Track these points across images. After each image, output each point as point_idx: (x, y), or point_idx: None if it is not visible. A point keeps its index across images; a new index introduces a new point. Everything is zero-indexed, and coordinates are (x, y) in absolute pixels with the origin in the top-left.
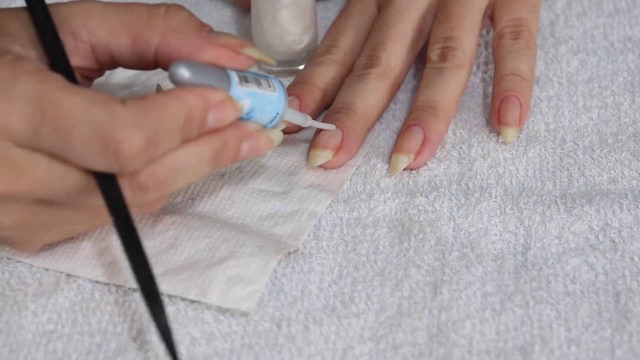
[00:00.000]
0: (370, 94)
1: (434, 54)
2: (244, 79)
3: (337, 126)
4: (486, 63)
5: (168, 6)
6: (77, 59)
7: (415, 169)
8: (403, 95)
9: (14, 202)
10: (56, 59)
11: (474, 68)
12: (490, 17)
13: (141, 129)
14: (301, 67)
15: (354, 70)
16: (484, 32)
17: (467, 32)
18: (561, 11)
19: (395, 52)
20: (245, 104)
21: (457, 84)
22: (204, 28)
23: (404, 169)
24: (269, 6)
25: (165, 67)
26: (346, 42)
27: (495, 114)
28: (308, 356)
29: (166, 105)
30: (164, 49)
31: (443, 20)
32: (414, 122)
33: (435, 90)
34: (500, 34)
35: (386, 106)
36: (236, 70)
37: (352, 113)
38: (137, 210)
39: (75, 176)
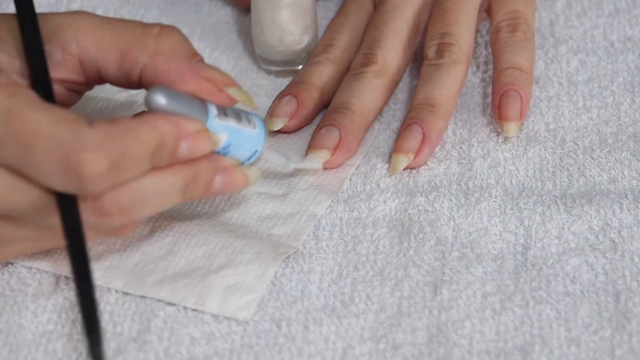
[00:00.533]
0: (367, 92)
1: (430, 50)
2: (223, 113)
3: (334, 126)
4: (486, 63)
5: (162, 27)
6: (64, 71)
7: (415, 169)
8: (403, 95)
9: None
10: (37, 71)
11: (474, 68)
12: (487, 10)
13: (105, 152)
14: (301, 67)
15: (350, 70)
16: (483, 32)
17: (463, 27)
18: (561, 11)
19: (391, 50)
20: (222, 138)
21: (454, 80)
22: (194, 57)
23: (404, 169)
24: (269, 6)
25: (148, 89)
26: (343, 41)
27: (496, 109)
28: (308, 356)
29: (136, 130)
30: (150, 70)
31: (439, 17)
32: (413, 121)
33: (432, 87)
34: (497, 27)
35: (384, 104)
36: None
37: (349, 112)
38: (103, 236)
39: (35, 194)
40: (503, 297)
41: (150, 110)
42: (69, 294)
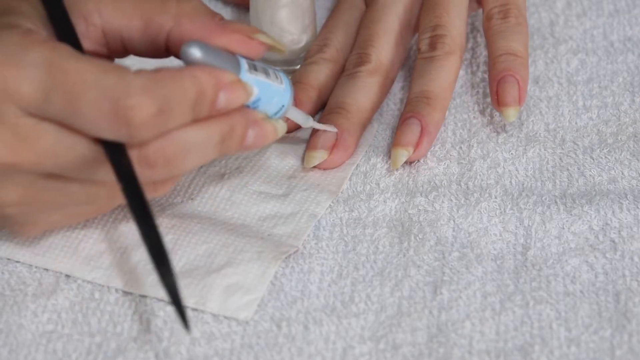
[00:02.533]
0: (361, 91)
1: (423, 44)
2: (253, 67)
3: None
4: (486, 63)
5: None
6: (88, 43)
7: (415, 168)
8: (403, 94)
9: (21, 174)
10: (66, 38)
11: (474, 67)
12: (478, 0)
13: (153, 97)
14: (299, 66)
15: (345, 70)
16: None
17: (454, 18)
18: (561, 11)
19: (384, 48)
20: (254, 91)
21: (448, 71)
22: (216, 15)
23: (405, 164)
24: (267, 6)
25: (177, 53)
26: (337, 40)
27: (494, 96)
28: (308, 356)
29: (179, 78)
30: (177, 33)
31: (429, 9)
32: (410, 115)
33: (427, 80)
34: (489, 15)
35: (380, 102)
36: (246, 58)
37: (344, 112)
38: (145, 190)
39: (84, 147)
40: (503, 297)
41: (187, 64)
42: (69, 293)
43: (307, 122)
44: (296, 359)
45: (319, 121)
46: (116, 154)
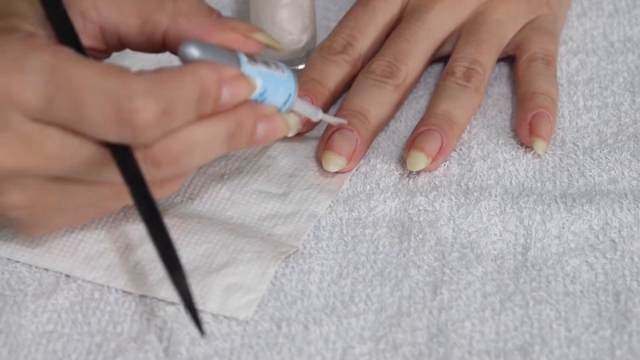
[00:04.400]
0: (385, 104)
1: (458, 69)
2: (253, 60)
3: (350, 130)
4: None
5: None
6: (85, 39)
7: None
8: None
9: (28, 178)
10: (66, 36)
11: None
12: (517, 45)
13: (156, 98)
14: (300, 66)
15: (370, 72)
16: None
17: (491, 61)
18: None
19: (414, 69)
20: (258, 83)
21: (473, 106)
22: (213, 13)
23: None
24: (267, 6)
25: (174, 50)
26: (364, 43)
27: (527, 125)
28: (308, 356)
29: (181, 77)
30: (173, 31)
31: (473, 43)
32: (435, 127)
33: (456, 104)
34: (532, 57)
35: (392, 118)
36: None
37: (366, 121)
38: (152, 190)
39: (89, 150)
40: (503, 297)
41: (185, 63)
42: (69, 293)
43: (317, 115)
44: (296, 359)
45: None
46: (122, 156)
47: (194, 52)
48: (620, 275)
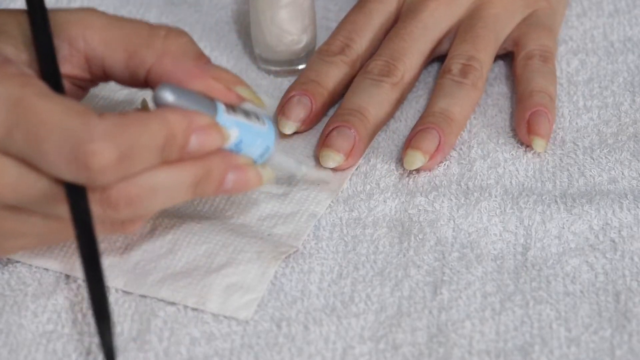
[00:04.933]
0: (384, 103)
1: (454, 66)
2: (232, 109)
3: (348, 127)
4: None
5: (170, 29)
6: (70, 67)
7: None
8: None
9: None
10: (46, 64)
11: None
12: (515, 41)
13: (115, 143)
14: (300, 67)
15: (367, 72)
16: None
17: (488, 57)
18: None
19: (412, 67)
20: (233, 133)
21: (471, 102)
22: (201, 58)
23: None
24: (267, 6)
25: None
26: (361, 45)
27: (525, 123)
28: (308, 356)
29: (146, 122)
30: (157, 70)
31: (469, 39)
32: (432, 126)
33: (454, 102)
34: (530, 54)
35: (391, 117)
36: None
37: (365, 119)
38: (110, 230)
39: (44, 184)
40: (503, 297)
41: (159, 107)
42: (69, 293)
43: (300, 170)
44: (296, 359)
45: (331, 118)
46: (75, 195)
47: (168, 96)
48: (620, 275)
